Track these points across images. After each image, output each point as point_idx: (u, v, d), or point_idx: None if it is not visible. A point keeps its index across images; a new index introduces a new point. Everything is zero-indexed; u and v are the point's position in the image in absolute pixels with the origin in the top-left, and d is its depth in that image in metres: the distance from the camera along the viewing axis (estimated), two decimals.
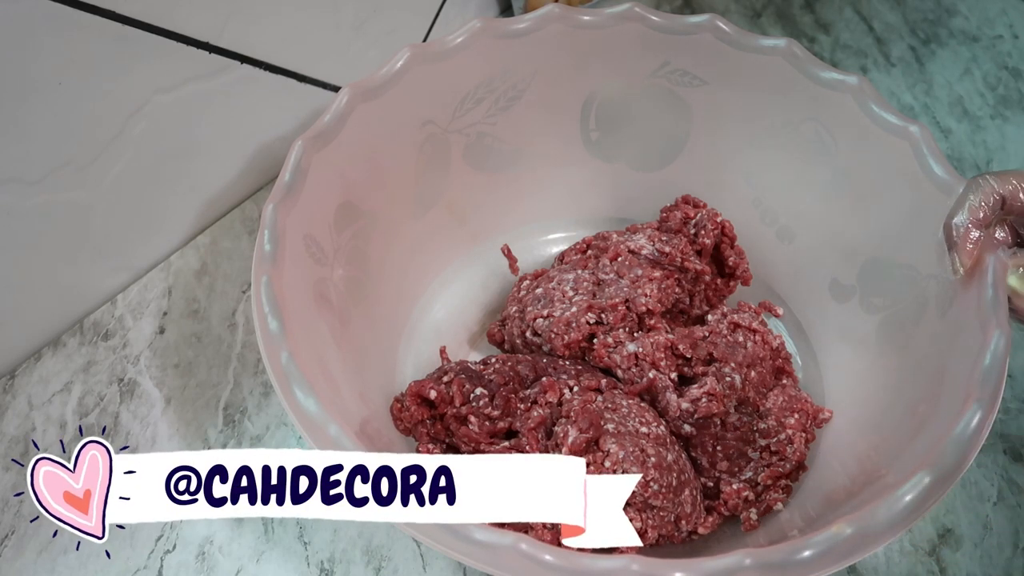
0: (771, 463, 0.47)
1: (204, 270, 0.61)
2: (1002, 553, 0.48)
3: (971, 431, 0.35)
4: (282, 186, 0.43)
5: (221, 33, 0.53)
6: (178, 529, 0.50)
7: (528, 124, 0.54)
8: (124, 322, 0.58)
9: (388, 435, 0.46)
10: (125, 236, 0.58)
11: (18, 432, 0.54)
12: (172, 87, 0.53)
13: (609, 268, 0.52)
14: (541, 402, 0.45)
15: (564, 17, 0.49)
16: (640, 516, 0.42)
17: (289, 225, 0.42)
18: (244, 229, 0.63)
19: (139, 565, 0.49)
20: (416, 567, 0.48)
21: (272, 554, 0.49)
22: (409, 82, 0.48)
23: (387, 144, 0.49)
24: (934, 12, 0.75)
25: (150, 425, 0.54)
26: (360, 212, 0.49)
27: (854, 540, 0.33)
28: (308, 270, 0.45)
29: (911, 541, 0.49)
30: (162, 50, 0.51)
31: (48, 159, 0.50)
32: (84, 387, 0.55)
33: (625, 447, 0.42)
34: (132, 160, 0.54)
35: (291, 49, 0.58)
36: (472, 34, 0.48)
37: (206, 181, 0.61)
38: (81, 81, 0.48)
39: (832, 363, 0.51)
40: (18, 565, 0.49)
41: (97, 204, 0.54)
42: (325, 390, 0.40)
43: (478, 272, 0.58)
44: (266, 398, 0.55)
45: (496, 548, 0.33)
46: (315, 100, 0.62)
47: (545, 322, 0.50)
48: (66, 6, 0.45)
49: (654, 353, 0.48)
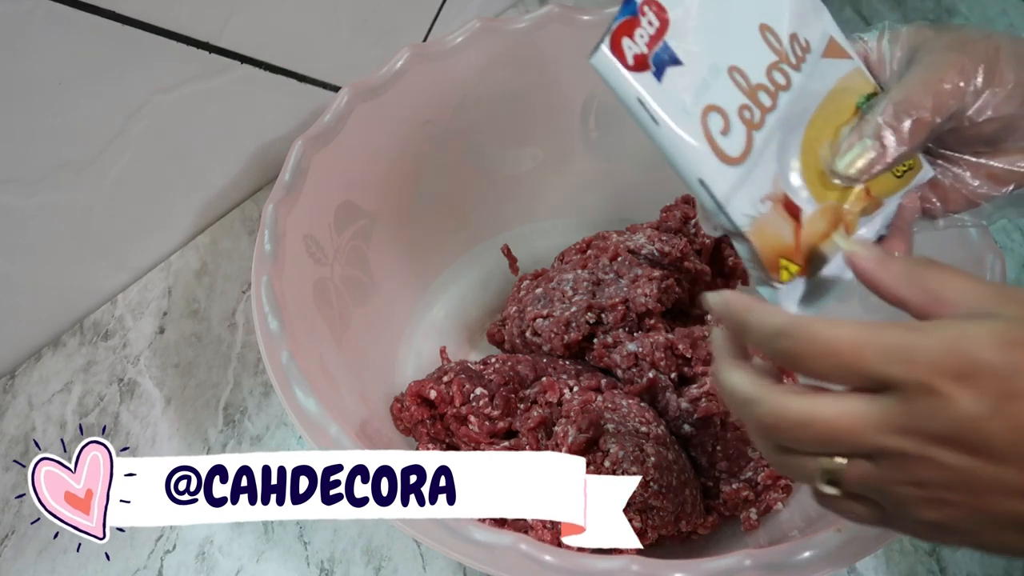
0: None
1: (204, 270, 0.61)
2: None
3: None
4: (282, 186, 0.43)
5: (221, 33, 0.53)
6: (178, 529, 0.50)
7: (528, 124, 0.54)
8: (124, 322, 0.58)
9: (388, 435, 0.46)
10: (125, 236, 0.58)
11: (18, 432, 0.54)
12: (172, 87, 0.53)
13: (609, 268, 0.52)
14: (541, 402, 0.45)
15: (564, 17, 0.49)
16: (640, 516, 0.42)
17: (289, 225, 0.42)
18: (244, 229, 0.63)
19: (139, 565, 0.49)
20: (416, 567, 0.48)
21: (272, 554, 0.49)
22: (409, 82, 0.48)
23: (387, 144, 0.49)
24: (934, 12, 0.75)
25: (150, 425, 0.54)
26: (360, 212, 0.49)
27: (854, 541, 0.33)
28: (308, 270, 0.45)
29: (911, 541, 0.49)
30: (162, 50, 0.51)
31: (48, 159, 0.50)
32: (84, 387, 0.55)
33: (625, 447, 0.42)
34: (132, 160, 0.54)
35: (291, 49, 0.58)
36: (472, 34, 0.48)
37: (206, 181, 0.61)
38: (81, 81, 0.48)
39: None
40: (18, 565, 0.49)
41: (97, 204, 0.54)
42: (325, 390, 0.40)
43: (478, 272, 0.58)
44: (266, 398, 0.55)
45: (496, 548, 0.33)
46: (315, 100, 0.62)
47: (545, 322, 0.50)
48: (66, 6, 0.45)
49: (654, 353, 0.48)
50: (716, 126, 0.31)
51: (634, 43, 0.30)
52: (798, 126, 0.32)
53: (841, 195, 0.33)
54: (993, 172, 0.34)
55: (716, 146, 0.31)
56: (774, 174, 0.32)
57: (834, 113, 0.33)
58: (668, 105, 0.30)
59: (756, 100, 0.31)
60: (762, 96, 0.31)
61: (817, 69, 0.33)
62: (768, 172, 0.32)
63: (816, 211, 0.33)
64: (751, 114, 0.31)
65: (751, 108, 0.31)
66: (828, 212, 0.33)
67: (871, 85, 0.34)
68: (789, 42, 0.32)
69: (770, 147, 0.32)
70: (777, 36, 0.32)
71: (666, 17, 0.30)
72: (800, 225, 0.32)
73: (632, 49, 0.30)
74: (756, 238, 0.32)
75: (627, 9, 0.30)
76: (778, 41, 0.32)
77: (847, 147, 0.32)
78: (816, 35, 0.33)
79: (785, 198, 0.32)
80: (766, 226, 0.32)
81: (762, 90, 0.31)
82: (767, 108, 0.31)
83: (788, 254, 0.32)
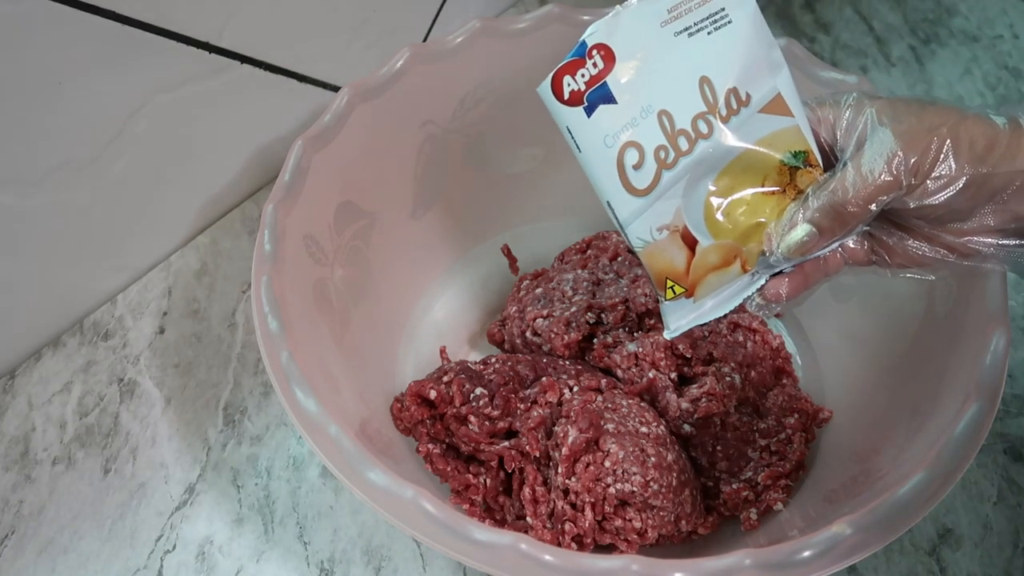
0: (771, 463, 0.47)
1: (204, 270, 0.61)
2: (1002, 553, 0.48)
3: (971, 431, 0.35)
4: (282, 186, 0.43)
5: (221, 33, 0.53)
6: (178, 529, 0.50)
7: (528, 124, 0.54)
8: (124, 322, 0.58)
9: (388, 435, 0.46)
10: (125, 236, 0.58)
11: (18, 432, 0.54)
12: (172, 87, 0.53)
13: (609, 268, 0.52)
14: (541, 402, 0.45)
15: (564, 17, 0.49)
16: (640, 516, 0.42)
17: (289, 225, 0.42)
18: (244, 229, 0.63)
19: (139, 565, 0.49)
20: (416, 567, 0.48)
21: (272, 554, 0.49)
22: (409, 82, 0.48)
23: (387, 144, 0.49)
24: (934, 12, 0.75)
25: (150, 425, 0.54)
26: (360, 212, 0.49)
27: (854, 540, 0.33)
28: (308, 270, 0.45)
29: (911, 541, 0.49)
30: (162, 50, 0.51)
31: (48, 159, 0.50)
32: (84, 387, 0.55)
33: (625, 447, 0.42)
34: (132, 160, 0.54)
35: (291, 49, 0.58)
36: (472, 34, 0.48)
37: (206, 181, 0.61)
38: (81, 81, 0.48)
39: (832, 363, 0.51)
40: (18, 565, 0.49)
41: (97, 204, 0.54)
42: (325, 390, 0.40)
43: (478, 272, 0.58)
44: (266, 398, 0.55)
45: (496, 548, 0.33)
46: (315, 100, 0.62)
47: (545, 322, 0.50)
48: (66, 6, 0.45)
49: (654, 353, 0.48)
50: (631, 160, 0.35)
51: (574, 81, 0.35)
52: (711, 171, 0.35)
53: (741, 237, 0.36)
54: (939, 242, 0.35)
55: (625, 178, 0.36)
56: (676, 208, 0.36)
57: (756, 163, 0.36)
58: (591, 138, 0.36)
59: (675, 143, 0.35)
60: (681, 140, 0.35)
61: (748, 122, 0.35)
62: (670, 206, 0.36)
63: (711, 246, 0.36)
64: (666, 155, 0.35)
65: (668, 149, 0.35)
66: (722, 249, 0.36)
67: (804, 143, 0.35)
68: (725, 95, 0.35)
69: (677, 186, 0.36)
70: (713, 89, 0.35)
71: (612, 61, 0.35)
72: (693, 254, 0.36)
73: (571, 86, 0.36)
74: (647, 259, 0.37)
75: (577, 51, 0.35)
76: (712, 94, 0.35)
77: (789, 228, 0.35)
78: (762, 91, 0.35)
79: (684, 229, 0.36)
80: (658, 251, 0.37)
81: (683, 135, 0.35)
82: (683, 152, 0.35)
83: (676, 277, 0.37)
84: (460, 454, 0.46)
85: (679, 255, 0.37)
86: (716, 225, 0.36)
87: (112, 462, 0.52)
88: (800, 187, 0.35)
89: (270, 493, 0.51)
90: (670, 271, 0.37)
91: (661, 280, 0.37)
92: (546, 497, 0.43)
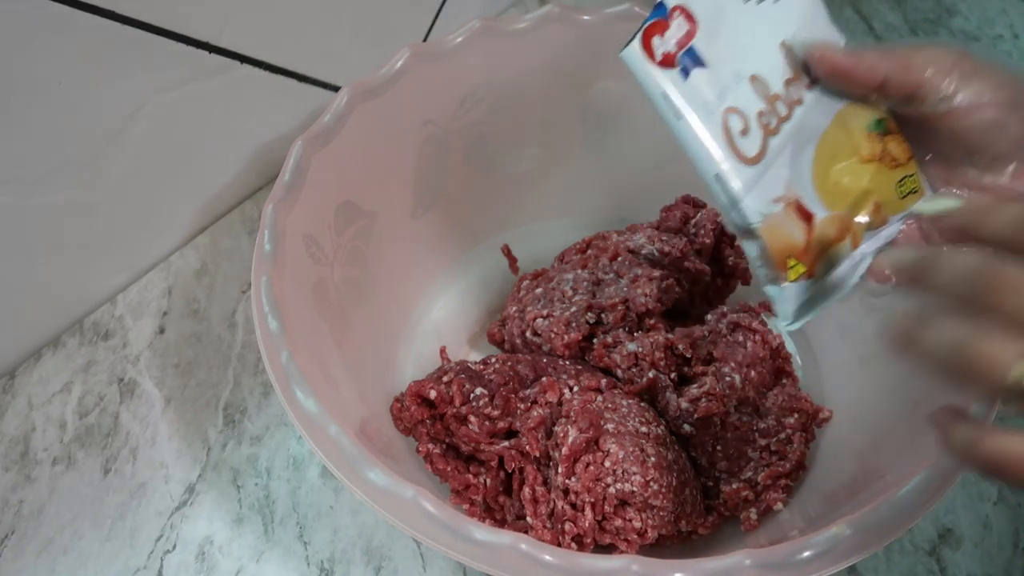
0: (771, 463, 0.47)
1: (204, 270, 0.61)
2: (1002, 553, 0.48)
3: None
4: (282, 186, 0.43)
5: (221, 33, 0.53)
6: (178, 529, 0.50)
7: (528, 124, 0.54)
8: (124, 322, 0.58)
9: (388, 435, 0.46)
10: (125, 236, 0.58)
11: (18, 432, 0.54)
12: (172, 87, 0.53)
13: (609, 268, 0.52)
14: (541, 402, 0.45)
15: (564, 17, 0.49)
16: (640, 516, 0.42)
17: (289, 225, 0.42)
18: (244, 229, 0.63)
19: (139, 565, 0.49)
20: (416, 567, 0.48)
21: (272, 554, 0.49)
22: (409, 82, 0.48)
23: (387, 144, 0.49)
24: (934, 12, 0.75)
25: (150, 425, 0.54)
26: (360, 212, 0.49)
27: (854, 540, 0.33)
28: (308, 270, 0.45)
29: (911, 541, 0.49)
30: (162, 50, 0.51)
31: (48, 159, 0.50)
32: (84, 387, 0.55)
33: (625, 447, 0.42)
34: (132, 160, 0.54)
35: (291, 49, 0.58)
36: (472, 34, 0.48)
37: (206, 181, 0.61)
38: (81, 81, 0.48)
39: (832, 363, 0.51)
40: (18, 565, 0.49)
41: (97, 204, 0.54)
42: (325, 390, 0.40)
43: (478, 272, 0.58)
44: (266, 398, 0.55)
45: (496, 548, 0.33)
46: (315, 100, 0.62)
47: (545, 322, 0.50)
48: (66, 6, 0.45)
49: (654, 353, 0.48)
50: (736, 126, 0.33)
51: (664, 42, 0.32)
52: (811, 139, 0.34)
53: (852, 208, 0.34)
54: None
55: (734, 145, 0.33)
56: (786, 179, 0.34)
57: (847, 131, 0.34)
58: (692, 102, 0.32)
59: (774, 108, 0.33)
60: (779, 105, 0.33)
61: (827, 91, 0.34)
62: (780, 176, 0.33)
63: (827, 217, 0.34)
64: (768, 120, 0.33)
65: (768, 114, 0.33)
66: (837, 221, 0.34)
67: (880, 110, 0.35)
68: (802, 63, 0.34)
69: (783, 154, 0.33)
70: (794, 55, 0.34)
71: (695, 23, 0.33)
72: (811, 228, 0.34)
73: (661, 47, 0.32)
74: (767, 235, 0.33)
75: (658, 12, 0.32)
76: (793, 60, 0.34)
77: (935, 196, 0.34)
78: None
79: (797, 202, 0.34)
80: (777, 225, 0.33)
81: (779, 100, 0.33)
82: (783, 117, 0.33)
83: (796, 254, 0.34)
84: (460, 454, 0.46)
85: (798, 229, 0.34)
86: (829, 194, 0.34)
87: (112, 462, 0.52)
88: (895, 156, 0.34)
89: (270, 493, 0.51)
90: (791, 248, 0.33)
91: (782, 259, 0.33)
92: (546, 497, 0.43)
